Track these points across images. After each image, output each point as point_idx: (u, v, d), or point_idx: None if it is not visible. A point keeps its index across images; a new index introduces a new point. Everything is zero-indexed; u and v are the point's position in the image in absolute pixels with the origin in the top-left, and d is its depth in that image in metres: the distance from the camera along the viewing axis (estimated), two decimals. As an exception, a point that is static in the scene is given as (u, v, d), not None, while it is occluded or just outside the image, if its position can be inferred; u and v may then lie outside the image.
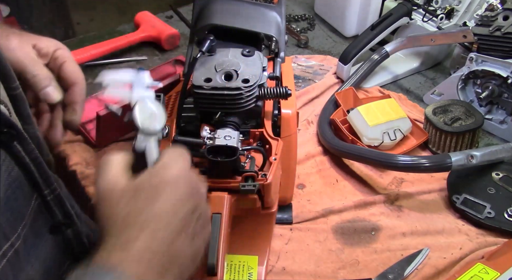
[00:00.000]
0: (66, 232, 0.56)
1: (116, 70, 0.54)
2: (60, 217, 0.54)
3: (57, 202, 0.54)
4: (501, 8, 0.93)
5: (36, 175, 0.50)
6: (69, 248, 0.58)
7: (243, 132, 0.71)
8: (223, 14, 0.79)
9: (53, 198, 0.53)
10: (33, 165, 0.49)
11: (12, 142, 0.47)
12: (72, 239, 0.57)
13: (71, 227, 0.57)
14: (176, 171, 0.48)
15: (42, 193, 0.51)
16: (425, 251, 0.76)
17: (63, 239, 0.56)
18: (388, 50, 1.09)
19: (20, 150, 0.48)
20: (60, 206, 0.54)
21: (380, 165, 0.87)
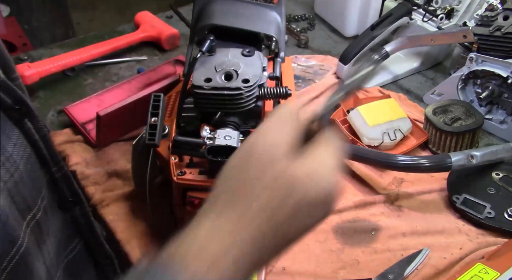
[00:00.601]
0: (74, 209, 0.57)
1: None
2: (67, 194, 0.55)
3: (65, 180, 0.55)
4: (501, 8, 0.93)
5: (45, 152, 0.51)
6: (77, 226, 0.59)
7: (243, 132, 0.71)
8: (223, 14, 0.79)
9: (60, 175, 0.54)
10: (42, 142, 0.50)
11: (24, 119, 0.48)
12: (80, 217, 0.58)
13: (78, 205, 0.58)
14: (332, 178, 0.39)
15: (50, 170, 0.52)
16: (425, 251, 0.76)
17: (71, 216, 0.57)
18: (388, 50, 1.09)
19: (31, 127, 0.49)
20: (68, 184, 0.55)
21: (380, 165, 0.87)
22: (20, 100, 0.46)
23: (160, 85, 0.93)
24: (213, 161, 0.62)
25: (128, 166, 0.90)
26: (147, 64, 1.21)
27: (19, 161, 0.46)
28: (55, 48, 1.27)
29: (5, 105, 0.45)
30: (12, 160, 0.44)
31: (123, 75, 1.18)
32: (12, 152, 0.45)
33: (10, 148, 0.45)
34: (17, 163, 0.45)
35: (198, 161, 0.68)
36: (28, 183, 0.47)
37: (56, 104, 1.08)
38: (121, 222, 0.83)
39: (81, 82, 1.15)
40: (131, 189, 0.88)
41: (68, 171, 0.55)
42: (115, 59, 1.21)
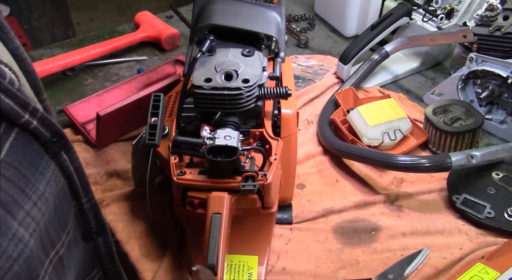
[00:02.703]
0: (97, 239, 0.57)
1: None
2: (93, 225, 0.55)
3: (92, 210, 0.54)
4: (501, 8, 0.93)
5: (78, 184, 0.51)
6: (99, 256, 0.58)
7: (243, 132, 0.71)
8: (223, 14, 0.79)
9: (89, 206, 0.54)
10: (76, 174, 0.50)
11: (60, 151, 0.47)
12: (102, 247, 0.58)
13: (102, 235, 0.57)
14: None
15: (80, 201, 0.52)
16: (425, 251, 0.76)
17: (94, 246, 0.57)
18: (388, 50, 1.09)
19: (66, 160, 0.48)
20: (95, 214, 0.55)
21: (380, 165, 0.87)
22: (58, 133, 0.46)
23: (160, 85, 0.93)
24: (213, 161, 0.62)
25: (128, 166, 0.90)
26: (147, 64, 1.21)
27: (50, 198, 0.45)
28: (55, 48, 1.27)
29: (44, 139, 0.45)
30: (44, 199, 0.44)
31: (123, 75, 1.18)
32: (45, 190, 0.44)
33: (42, 186, 0.44)
34: (49, 201, 0.45)
35: (198, 161, 0.68)
36: (55, 220, 0.47)
37: (56, 104, 1.08)
38: (121, 222, 0.83)
39: (81, 82, 1.15)
40: (131, 189, 0.88)
41: (96, 202, 0.55)
42: (115, 59, 1.21)
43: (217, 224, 0.61)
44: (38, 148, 0.45)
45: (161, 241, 0.81)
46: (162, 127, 0.70)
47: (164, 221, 0.83)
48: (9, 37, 0.44)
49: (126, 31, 1.30)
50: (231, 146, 0.63)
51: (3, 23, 0.44)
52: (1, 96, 0.39)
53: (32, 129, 0.43)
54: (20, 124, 0.41)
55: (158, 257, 0.78)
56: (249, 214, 0.68)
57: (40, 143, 0.45)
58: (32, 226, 0.41)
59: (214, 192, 0.64)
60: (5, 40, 0.44)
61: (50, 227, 0.46)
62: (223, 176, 0.64)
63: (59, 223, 0.48)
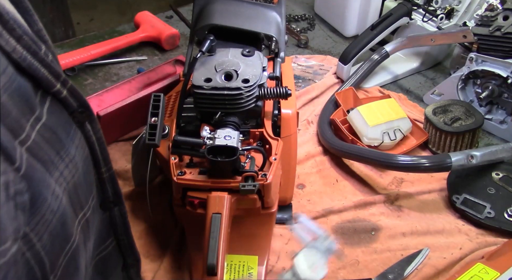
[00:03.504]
0: (113, 209, 0.59)
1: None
2: (110, 194, 0.57)
3: (110, 180, 0.56)
4: (501, 8, 0.93)
5: (99, 154, 0.53)
6: (114, 226, 0.60)
7: (243, 132, 0.71)
8: (223, 14, 0.79)
9: (108, 176, 0.56)
10: (98, 144, 0.52)
11: (85, 121, 0.50)
12: (117, 218, 0.60)
13: (118, 206, 0.59)
14: None
15: (100, 170, 0.54)
16: (425, 251, 0.76)
17: (110, 216, 0.59)
18: (388, 50, 1.09)
19: (90, 130, 0.51)
20: (112, 184, 0.57)
21: (380, 165, 0.87)
22: (84, 104, 0.49)
23: (160, 85, 0.93)
24: (213, 161, 0.62)
25: (128, 166, 0.90)
26: (147, 64, 1.21)
27: (79, 163, 0.48)
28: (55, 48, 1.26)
29: (72, 108, 0.48)
30: (74, 162, 0.47)
31: (123, 75, 1.18)
32: (75, 155, 0.47)
33: (73, 150, 0.47)
34: (77, 165, 0.48)
35: (198, 161, 0.68)
36: (83, 183, 0.49)
37: (56, 104, 1.08)
38: (121, 222, 0.83)
39: (81, 82, 1.15)
40: (131, 189, 0.88)
41: (114, 173, 0.57)
42: (115, 59, 1.21)
43: (217, 224, 0.61)
44: (67, 116, 0.48)
45: (161, 241, 0.81)
46: (162, 127, 0.70)
47: (164, 221, 0.83)
48: (33, 19, 0.48)
49: (126, 31, 1.30)
50: (231, 146, 0.63)
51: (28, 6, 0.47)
52: (38, 66, 0.42)
53: (62, 98, 0.46)
54: (52, 92, 0.45)
55: (158, 257, 0.78)
56: (249, 214, 0.68)
57: (69, 112, 0.48)
58: (63, 186, 0.45)
59: (214, 192, 0.64)
60: (29, 22, 0.47)
61: (80, 190, 0.49)
62: (223, 176, 0.64)
63: (87, 187, 0.51)
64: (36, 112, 0.42)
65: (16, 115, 0.38)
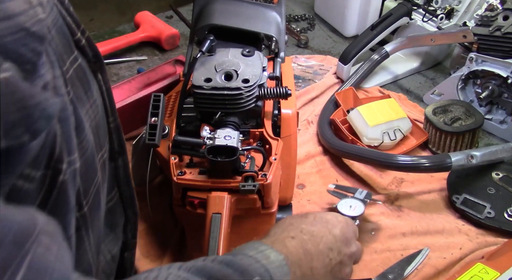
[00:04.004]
0: (118, 160, 0.60)
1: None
2: (116, 145, 0.58)
3: (116, 130, 0.58)
4: (501, 8, 0.93)
5: (108, 103, 0.55)
6: (117, 177, 0.61)
7: (243, 132, 0.71)
8: (223, 14, 0.79)
9: (114, 126, 0.57)
10: (107, 94, 0.54)
11: (98, 71, 0.52)
12: (121, 168, 0.61)
13: (122, 156, 0.60)
14: (351, 228, 0.63)
15: (108, 120, 0.56)
16: (425, 251, 0.76)
17: (115, 167, 0.60)
18: (388, 50, 1.09)
19: (101, 79, 0.53)
20: (118, 134, 0.58)
21: (380, 165, 0.87)
22: (97, 54, 0.51)
23: (160, 85, 0.93)
24: (213, 161, 0.62)
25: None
26: (147, 64, 1.21)
27: (99, 106, 0.51)
28: (55, 48, 1.27)
29: (88, 58, 0.50)
30: (96, 104, 0.50)
31: (123, 75, 1.18)
32: (96, 98, 0.50)
33: (95, 93, 0.50)
34: (98, 108, 0.50)
35: (198, 161, 0.68)
36: (101, 126, 0.52)
37: (56, 104, 1.08)
38: (121, 222, 0.83)
39: (81, 82, 1.15)
40: (131, 189, 0.88)
41: (119, 123, 0.59)
42: (115, 59, 1.21)
43: (217, 224, 0.61)
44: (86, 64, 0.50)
45: (161, 241, 0.81)
46: (162, 127, 0.70)
47: (164, 221, 0.83)
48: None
49: (126, 31, 1.30)
50: (231, 146, 0.63)
51: None
52: (65, 13, 0.45)
53: (81, 46, 0.49)
54: (74, 40, 0.47)
55: (158, 257, 0.78)
56: (249, 214, 0.68)
57: (86, 61, 0.50)
58: (88, 122, 0.47)
59: (214, 192, 0.64)
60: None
61: (99, 132, 0.51)
62: (223, 176, 0.64)
63: (103, 131, 0.53)
64: (74, 52, 0.46)
65: (61, 49, 0.42)
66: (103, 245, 0.57)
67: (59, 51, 0.41)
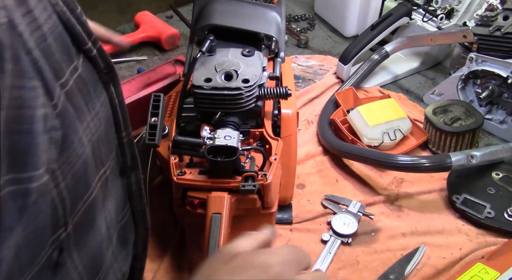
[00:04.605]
0: (131, 176, 0.59)
1: None
2: (129, 160, 0.58)
3: (130, 145, 0.57)
4: (501, 8, 0.93)
5: (120, 117, 0.54)
6: (130, 193, 0.60)
7: (243, 132, 0.71)
8: (223, 14, 0.79)
9: (128, 140, 0.56)
10: (119, 107, 0.53)
11: (110, 83, 0.51)
12: (134, 184, 0.60)
13: (135, 171, 0.59)
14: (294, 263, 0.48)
15: (121, 134, 0.55)
16: (422, 248, 0.77)
17: (128, 182, 0.59)
18: (388, 50, 1.09)
19: (113, 92, 0.52)
20: (131, 149, 0.58)
21: (380, 165, 0.87)
22: (110, 66, 0.51)
23: (160, 85, 0.93)
24: (213, 161, 0.62)
25: (128, 166, 0.90)
26: (147, 64, 1.21)
27: (103, 119, 0.50)
28: (55, 48, 1.27)
29: (99, 68, 0.50)
30: (98, 117, 0.48)
31: (123, 75, 1.18)
32: (100, 110, 0.49)
33: (98, 106, 0.49)
34: (101, 121, 0.49)
35: (198, 161, 0.68)
36: (105, 141, 0.50)
37: (56, 104, 1.08)
38: (121, 222, 0.83)
39: (81, 82, 1.15)
40: (131, 189, 0.88)
41: (133, 138, 0.58)
42: (115, 59, 1.21)
43: (217, 224, 0.61)
44: (95, 75, 0.49)
45: (161, 241, 0.81)
46: (162, 127, 0.70)
47: (164, 221, 0.83)
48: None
49: (126, 31, 1.30)
50: (231, 146, 0.63)
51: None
52: (75, 22, 0.44)
53: (92, 57, 0.48)
54: (84, 50, 0.47)
55: (158, 257, 0.78)
56: (249, 214, 0.68)
57: (96, 71, 0.49)
58: (88, 137, 0.46)
59: (214, 192, 0.64)
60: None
61: (102, 146, 0.50)
62: (223, 176, 0.64)
63: (108, 145, 0.52)
64: (74, 62, 0.44)
65: (58, 58, 0.41)
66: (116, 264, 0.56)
67: (56, 60, 0.40)
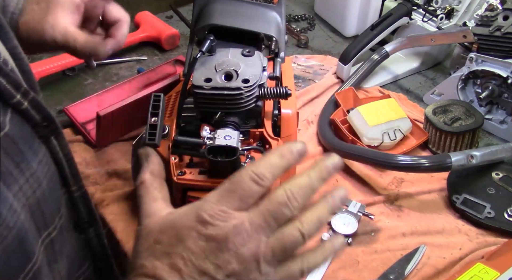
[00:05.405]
0: (88, 231, 0.57)
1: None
2: (84, 215, 0.55)
3: (83, 200, 0.54)
4: (501, 8, 0.93)
5: (67, 171, 0.51)
6: (90, 248, 0.58)
7: (243, 132, 0.71)
8: (223, 14, 0.79)
9: (79, 195, 0.54)
10: (65, 160, 0.50)
11: (50, 136, 0.48)
12: (94, 239, 0.58)
13: (93, 227, 0.57)
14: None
15: (70, 189, 0.52)
16: (422, 248, 0.77)
17: (85, 238, 0.57)
18: (388, 50, 1.09)
19: (56, 145, 0.49)
20: (85, 204, 0.55)
21: (380, 165, 0.87)
22: (49, 118, 0.47)
23: (160, 85, 0.93)
24: (213, 161, 0.62)
25: (128, 166, 0.90)
26: (147, 64, 1.21)
27: (42, 178, 0.46)
28: (55, 48, 1.27)
29: (34, 122, 0.46)
30: (35, 177, 0.45)
31: (123, 75, 1.18)
32: (37, 169, 0.45)
33: (35, 164, 0.45)
34: (40, 180, 0.46)
35: (198, 161, 0.68)
36: (48, 201, 0.47)
37: (56, 104, 1.08)
38: (121, 222, 0.83)
39: (81, 82, 1.15)
40: (131, 189, 0.88)
41: (86, 192, 0.55)
42: (115, 59, 1.21)
43: (217, 224, 0.61)
44: (29, 130, 0.46)
45: (161, 241, 0.80)
46: (162, 127, 0.70)
47: (164, 221, 0.82)
48: (7, 36, 0.45)
49: (126, 31, 1.30)
50: (231, 146, 0.63)
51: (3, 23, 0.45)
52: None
53: (23, 110, 0.44)
54: (12, 104, 0.43)
55: (158, 257, 0.78)
56: (249, 214, 0.68)
57: (31, 126, 0.46)
58: (22, 201, 0.42)
59: (214, 192, 0.64)
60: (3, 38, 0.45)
61: (44, 207, 0.46)
62: (223, 176, 0.64)
63: (53, 205, 0.49)
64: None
65: None
66: None
67: None
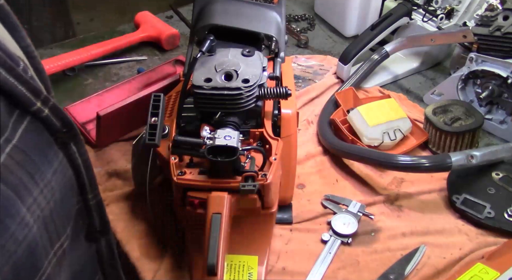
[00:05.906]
0: (100, 240, 0.56)
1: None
2: (97, 223, 0.54)
3: (97, 208, 0.53)
4: (501, 8, 0.93)
5: (85, 178, 0.50)
6: (100, 259, 0.57)
7: (243, 132, 0.71)
8: (223, 14, 0.79)
9: (95, 203, 0.53)
10: (84, 167, 0.50)
11: (70, 143, 0.47)
12: (105, 249, 0.56)
13: (105, 236, 0.56)
14: None
15: (86, 197, 0.51)
16: (422, 248, 0.77)
17: (97, 249, 0.56)
18: (388, 50, 1.09)
19: (75, 152, 0.48)
20: (99, 212, 0.54)
21: (380, 165, 0.87)
22: (68, 124, 0.46)
23: (160, 85, 0.93)
24: (213, 161, 0.62)
25: (128, 166, 0.90)
26: (147, 64, 1.21)
27: (56, 188, 0.45)
28: (55, 48, 1.27)
29: (54, 129, 0.45)
30: (50, 187, 0.44)
31: (123, 75, 1.18)
32: (51, 179, 0.44)
33: (49, 175, 0.44)
34: (54, 190, 0.45)
35: (198, 161, 0.68)
36: (60, 211, 0.46)
37: (56, 104, 1.08)
38: (121, 222, 0.83)
39: (81, 82, 1.15)
40: (131, 189, 0.88)
41: (101, 199, 0.54)
42: (115, 59, 1.21)
43: (217, 224, 0.61)
44: (48, 137, 0.45)
45: (161, 241, 0.81)
46: (162, 127, 0.70)
47: (164, 221, 0.83)
48: (20, 35, 0.45)
49: (126, 31, 1.30)
50: (231, 146, 0.63)
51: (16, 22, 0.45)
52: (15, 83, 0.39)
53: (43, 118, 0.43)
54: (32, 111, 0.42)
55: (158, 257, 0.78)
56: (249, 214, 0.68)
57: (50, 133, 0.45)
58: (37, 213, 0.42)
59: (214, 192, 0.64)
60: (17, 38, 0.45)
61: (57, 218, 0.46)
62: (223, 176, 0.64)
63: (64, 215, 0.48)
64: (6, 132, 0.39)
65: None
66: None
67: None
